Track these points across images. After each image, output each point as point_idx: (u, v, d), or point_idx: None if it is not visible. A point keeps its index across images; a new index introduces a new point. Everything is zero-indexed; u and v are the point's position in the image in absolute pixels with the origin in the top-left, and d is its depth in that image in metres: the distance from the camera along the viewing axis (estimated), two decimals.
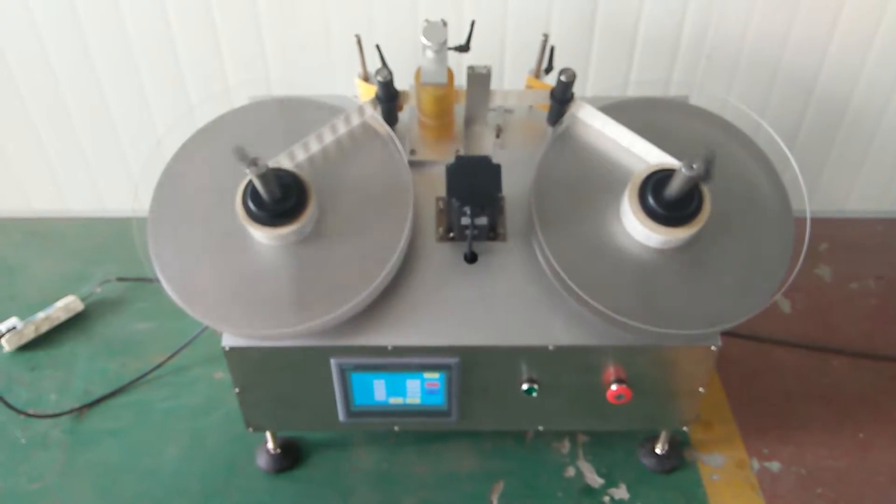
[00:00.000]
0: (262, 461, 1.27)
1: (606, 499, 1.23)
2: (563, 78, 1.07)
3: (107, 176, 1.67)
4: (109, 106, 1.55)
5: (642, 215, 0.99)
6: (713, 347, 1.04)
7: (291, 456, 1.28)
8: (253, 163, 0.90)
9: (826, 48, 1.45)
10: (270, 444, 1.26)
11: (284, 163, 1.04)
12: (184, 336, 1.41)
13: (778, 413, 1.36)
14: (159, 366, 1.41)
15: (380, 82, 1.06)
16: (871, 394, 1.39)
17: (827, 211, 1.73)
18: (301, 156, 1.07)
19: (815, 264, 1.62)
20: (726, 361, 1.41)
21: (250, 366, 1.07)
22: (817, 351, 1.45)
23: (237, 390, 1.10)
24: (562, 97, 1.10)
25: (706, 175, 0.93)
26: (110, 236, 1.67)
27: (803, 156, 1.61)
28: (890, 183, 1.68)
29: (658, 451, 1.26)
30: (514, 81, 1.47)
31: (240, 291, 1.00)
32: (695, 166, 0.91)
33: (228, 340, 1.03)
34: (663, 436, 1.25)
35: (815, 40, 1.44)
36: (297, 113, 1.13)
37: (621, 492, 1.24)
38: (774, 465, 1.28)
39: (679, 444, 1.29)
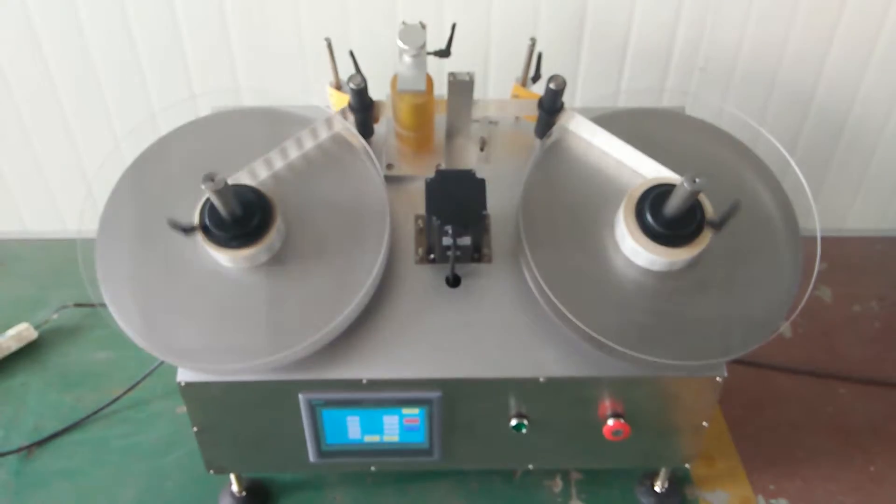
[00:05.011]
0: None
1: None
2: (552, 86, 1.00)
3: (67, 194, 1.57)
4: (68, 119, 1.45)
5: (639, 234, 0.92)
6: (718, 378, 0.97)
7: (259, 498, 1.18)
8: (209, 178, 0.82)
9: (824, 59, 1.40)
10: (235, 487, 1.16)
11: (247, 178, 0.96)
12: (145, 367, 1.31)
13: (783, 445, 1.28)
14: (117, 399, 1.31)
15: (353, 90, 0.98)
16: (880, 422, 1.31)
17: (825, 229, 1.65)
18: (265, 171, 0.98)
19: (815, 285, 1.55)
20: (726, 390, 1.30)
21: (210, 403, 0.98)
22: (822, 377, 1.38)
23: (196, 429, 1.01)
24: (551, 107, 1.03)
25: (721, 224, 0.90)
26: (70, 259, 1.56)
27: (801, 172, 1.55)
28: (890, 200, 1.63)
29: (657, 488, 1.18)
30: (499, 90, 1.39)
31: (198, 320, 0.92)
32: (697, 181, 0.85)
33: (185, 375, 0.94)
34: (663, 472, 1.17)
35: (813, 50, 1.38)
36: (264, 124, 1.05)
37: None
38: (781, 503, 1.20)
39: (680, 481, 1.20)
